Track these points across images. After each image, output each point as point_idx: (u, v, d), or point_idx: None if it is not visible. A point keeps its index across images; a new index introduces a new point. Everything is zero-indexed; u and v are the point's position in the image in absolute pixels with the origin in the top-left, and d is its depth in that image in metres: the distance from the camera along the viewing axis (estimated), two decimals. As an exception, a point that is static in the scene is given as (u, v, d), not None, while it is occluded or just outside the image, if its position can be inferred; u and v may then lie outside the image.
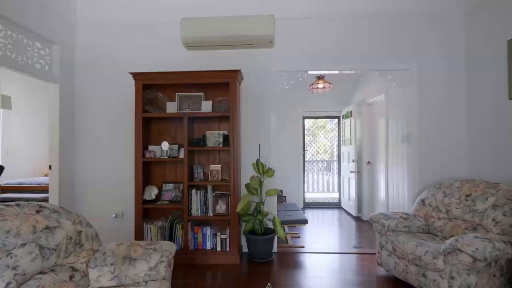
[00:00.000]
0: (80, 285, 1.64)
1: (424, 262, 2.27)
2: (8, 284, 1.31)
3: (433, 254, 2.21)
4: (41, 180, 5.52)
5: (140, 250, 1.88)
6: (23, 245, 1.42)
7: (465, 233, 2.50)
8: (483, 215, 2.46)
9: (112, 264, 1.76)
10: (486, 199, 2.49)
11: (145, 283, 1.74)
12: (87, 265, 1.75)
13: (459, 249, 2.02)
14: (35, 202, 1.69)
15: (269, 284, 1.72)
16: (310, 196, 7.09)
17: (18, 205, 1.57)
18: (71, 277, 1.60)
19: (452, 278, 2.08)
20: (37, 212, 1.61)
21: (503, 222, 2.27)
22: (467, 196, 2.66)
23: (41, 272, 1.49)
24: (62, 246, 1.63)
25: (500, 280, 2.10)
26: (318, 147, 7.90)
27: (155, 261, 1.80)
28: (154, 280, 1.77)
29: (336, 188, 6.86)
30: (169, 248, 1.93)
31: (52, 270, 1.54)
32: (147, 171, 3.30)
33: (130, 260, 1.79)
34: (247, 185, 3.18)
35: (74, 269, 1.65)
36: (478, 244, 1.97)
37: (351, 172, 5.38)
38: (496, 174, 2.86)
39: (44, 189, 5.10)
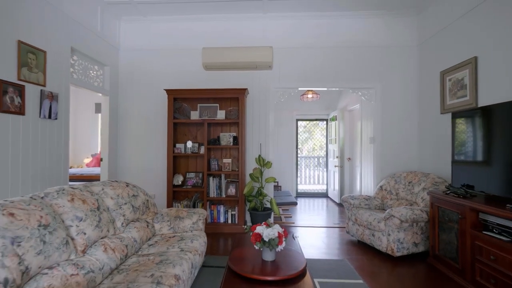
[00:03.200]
0: (152, 231, 2.67)
1: (373, 226, 3.32)
2: (122, 223, 2.33)
3: (378, 220, 3.27)
4: (73, 171, 6.51)
5: (185, 213, 2.91)
6: (125, 204, 2.44)
7: (405, 208, 3.56)
8: (417, 195, 3.52)
9: (168, 221, 2.79)
10: (420, 184, 3.55)
11: (191, 231, 2.77)
12: (152, 221, 2.78)
13: (392, 215, 3.07)
14: (122, 180, 2.70)
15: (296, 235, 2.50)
16: (303, 187, 8.07)
17: (116, 181, 2.59)
18: (147, 225, 2.62)
19: (389, 235, 3.14)
20: (126, 186, 2.63)
21: (427, 199, 3.32)
22: (409, 182, 3.72)
23: (133, 221, 2.51)
24: (141, 207, 2.65)
25: (421, 237, 3.16)
26: (314, 144, 8.61)
27: (196, 219, 2.83)
28: (196, 230, 2.80)
29: (324, 180, 7.89)
30: (203, 212, 2.96)
31: (137, 221, 2.56)
32: (175, 163, 4.32)
33: (180, 218, 2.82)
34: (251, 174, 4.20)
35: (147, 222, 2.68)
36: (403, 211, 3.03)
37: (335, 166, 6.44)
38: (433, 167, 3.91)
39: (77, 178, 6.10)
